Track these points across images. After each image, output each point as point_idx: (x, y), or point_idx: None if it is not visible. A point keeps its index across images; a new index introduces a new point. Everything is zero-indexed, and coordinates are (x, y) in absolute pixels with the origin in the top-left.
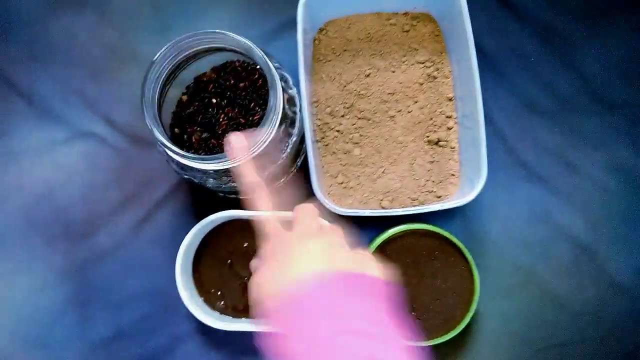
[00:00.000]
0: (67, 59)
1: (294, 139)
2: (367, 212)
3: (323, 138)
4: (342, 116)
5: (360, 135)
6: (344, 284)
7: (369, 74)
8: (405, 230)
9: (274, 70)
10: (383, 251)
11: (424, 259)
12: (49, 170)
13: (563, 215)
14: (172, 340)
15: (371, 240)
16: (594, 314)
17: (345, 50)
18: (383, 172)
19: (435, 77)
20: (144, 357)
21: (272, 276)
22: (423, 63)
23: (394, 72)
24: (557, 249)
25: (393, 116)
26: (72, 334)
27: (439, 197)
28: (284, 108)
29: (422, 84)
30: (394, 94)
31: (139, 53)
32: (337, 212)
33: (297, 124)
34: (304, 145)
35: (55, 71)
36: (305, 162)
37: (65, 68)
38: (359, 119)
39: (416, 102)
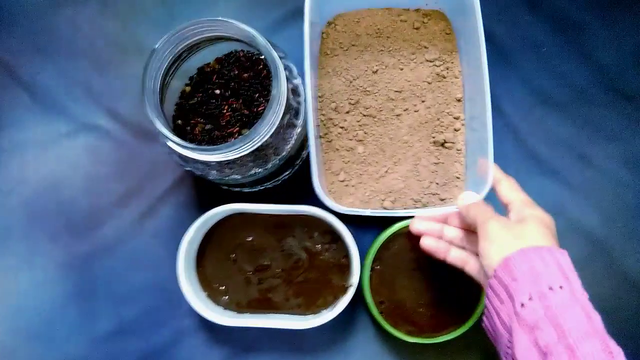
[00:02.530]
0: (70, 51)
1: (299, 129)
2: (367, 212)
3: (327, 134)
4: (347, 112)
5: (365, 133)
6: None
7: (377, 70)
8: None
9: (277, 58)
10: (390, 246)
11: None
12: (52, 163)
13: (576, 209)
14: (175, 335)
15: (378, 234)
16: (608, 310)
17: (353, 45)
18: (386, 171)
19: (444, 77)
20: (147, 351)
21: (507, 245)
22: (433, 61)
23: (402, 69)
24: (569, 243)
25: (399, 115)
26: (75, 328)
27: (443, 199)
28: (287, 98)
29: (430, 83)
30: (401, 92)
31: (143, 45)
32: (337, 210)
33: (302, 114)
34: (308, 137)
35: (59, 63)
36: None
37: (68, 60)
38: (364, 116)
39: (423, 101)
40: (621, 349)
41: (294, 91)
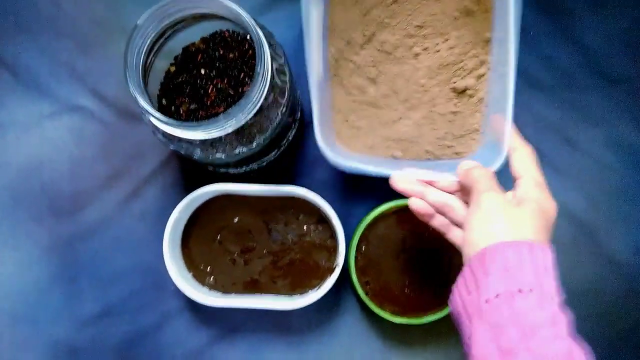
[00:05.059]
0: (53, 30)
1: (283, 109)
2: (371, 170)
3: (336, 70)
4: (361, 46)
5: (379, 72)
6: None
7: None
8: (400, 206)
9: (262, 35)
10: (376, 227)
11: (418, 234)
12: (35, 144)
13: (562, 192)
14: (161, 317)
15: (364, 215)
16: (593, 291)
17: None
18: (399, 117)
19: (473, 12)
20: (133, 333)
21: (497, 228)
22: None
23: (426, 0)
24: (555, 226)
25: (418, 54)
26: (60, 310)
27: (458, 153)
28: (272, 76)
29: (456, 19)
30: (422, 27)
31: (128, 25)
32: (340, 167)
33: (287, 94)
34: (295, 117)
35: (42, 43)
36: (297, 135)
37: (52, 40)
38: (379, 51)
39: (447, 40)
40: (584, 353)
41: (279, 70)
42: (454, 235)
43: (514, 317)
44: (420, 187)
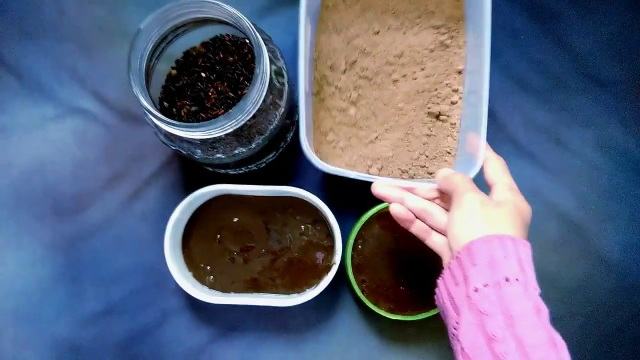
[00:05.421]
0: (57, 34)
1: (282, 110)
2: (353, 175)
3: (319, 92)
4: (343, 72)
5: (359, 95)
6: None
7: (379, 31)
8: None
9: (260, 38)
10: (372, 226)
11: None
12: (39, 146)
13: (552, 192)
14: (161, 315)
15: (360, 215)
16: (583, 289)
17: (357, 1)
18: (376, 137)
19: (447, 46)
20: (134, 331)
21: (478, 225)
22: (438, 28)
23: (405, 33)
24: (546, 225)
25: (396, 80)
26: (62, 309)
27: (431, 173)
28: (271, 79)
29: (432, 51)
30: (401, 56)
31: (129, 29)
32: (324, 170)
33: (285, 96)
34: (293, 120)
35: (45, 47)
36: (294, 137)
37: (55, 44)
38: (360, 77)
39: (423, 69)
40: (565, 343)
41: (278, 73)
42: (433, 241)
43: (501, 305)
44: (400, 193)
